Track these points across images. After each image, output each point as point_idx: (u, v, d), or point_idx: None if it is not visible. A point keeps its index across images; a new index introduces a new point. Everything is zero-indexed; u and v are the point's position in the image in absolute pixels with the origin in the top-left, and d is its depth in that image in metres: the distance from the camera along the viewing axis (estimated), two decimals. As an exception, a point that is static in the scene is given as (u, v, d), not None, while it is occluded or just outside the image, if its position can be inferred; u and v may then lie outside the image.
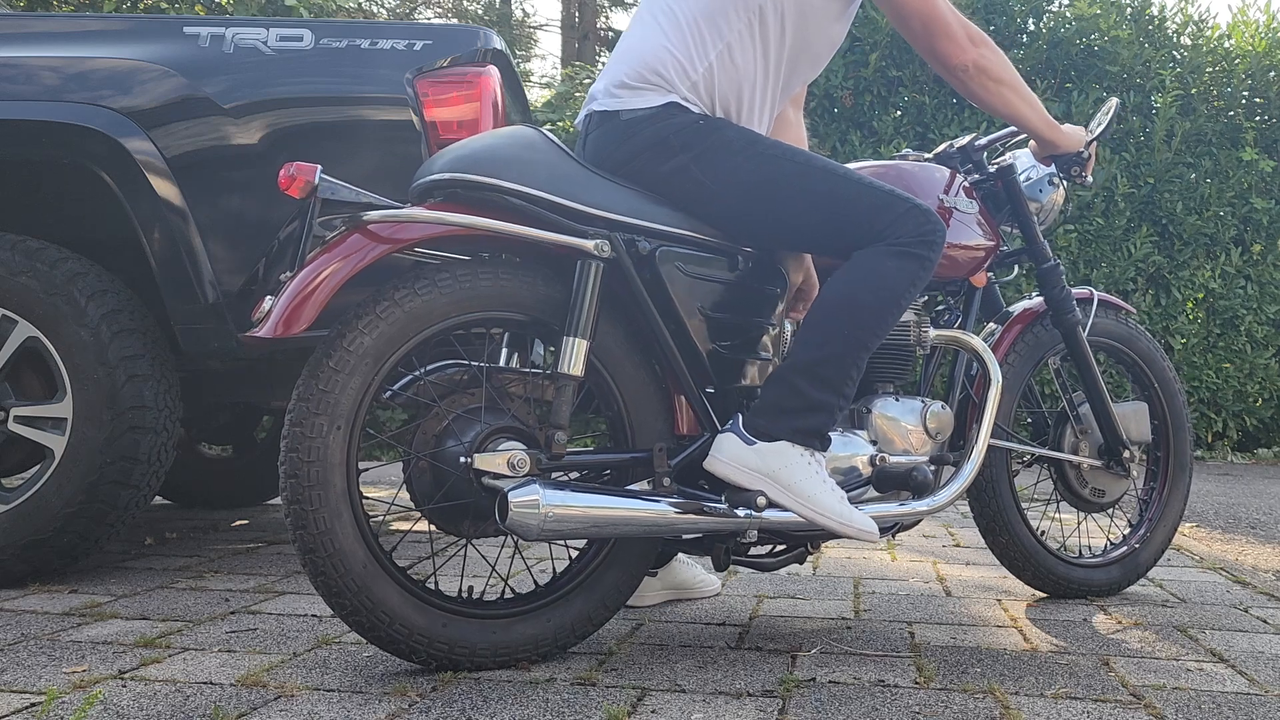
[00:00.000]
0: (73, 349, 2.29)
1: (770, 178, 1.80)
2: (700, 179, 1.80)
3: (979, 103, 2.00)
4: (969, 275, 2.17)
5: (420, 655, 1.66)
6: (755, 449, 1.73)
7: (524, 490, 1.61)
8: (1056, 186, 2.32)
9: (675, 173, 1.81)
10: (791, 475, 1.73)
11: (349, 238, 1.64)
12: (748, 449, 1.73)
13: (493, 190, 1.70)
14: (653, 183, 1.82)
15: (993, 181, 2.28)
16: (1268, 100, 6.67)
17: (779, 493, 1.73)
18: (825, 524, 1.74)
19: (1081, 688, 1.69)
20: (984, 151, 2.30)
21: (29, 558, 2.29)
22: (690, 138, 1.80)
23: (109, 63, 2.35)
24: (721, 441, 1.76)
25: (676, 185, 1.82)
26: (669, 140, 1.80)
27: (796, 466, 1.73)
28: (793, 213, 1.81)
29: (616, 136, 1.84)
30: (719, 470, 1.75)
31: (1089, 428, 2.35)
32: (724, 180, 1.80)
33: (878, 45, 6.42)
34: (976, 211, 2.15)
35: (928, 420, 2.04)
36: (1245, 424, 6.62)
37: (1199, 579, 2.67)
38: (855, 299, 1.76)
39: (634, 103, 1.83)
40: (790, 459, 1.73)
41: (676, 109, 1.81)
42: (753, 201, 1.81)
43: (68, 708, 1.47)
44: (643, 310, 1.79)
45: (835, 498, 1.75)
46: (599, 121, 1.87)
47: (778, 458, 1.73)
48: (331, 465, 1.60)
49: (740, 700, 1.58)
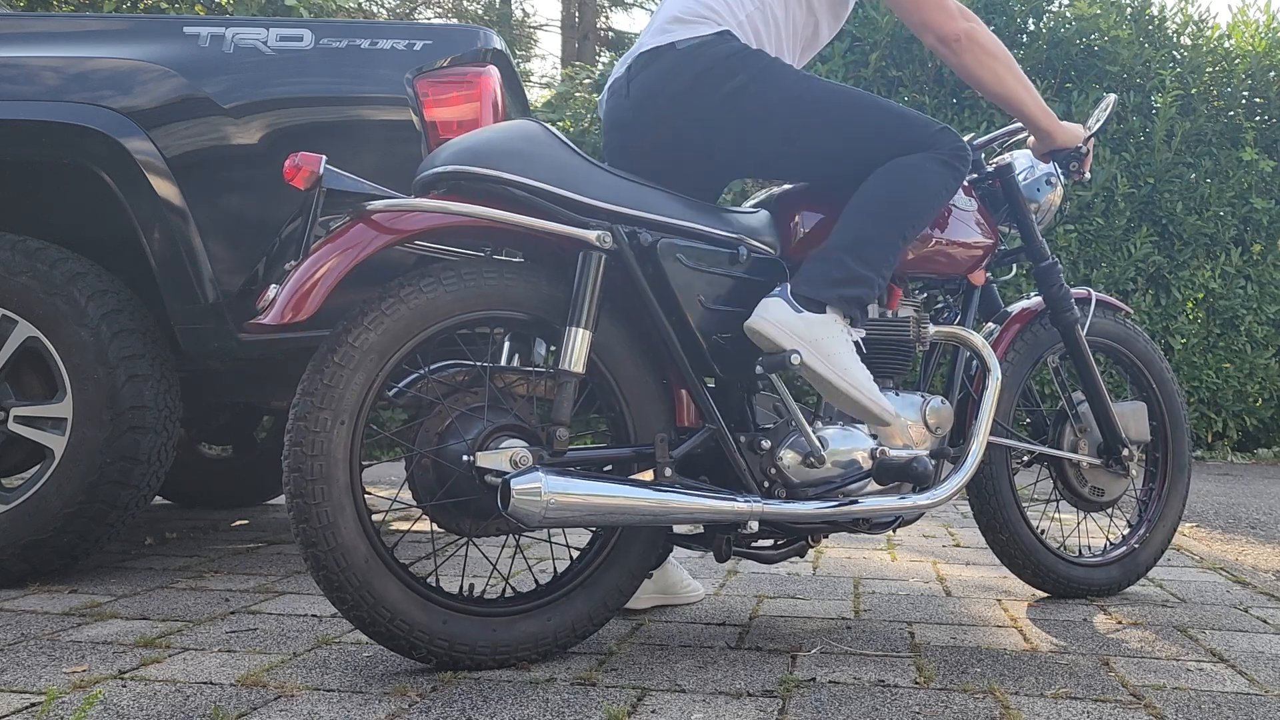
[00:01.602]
0: (73, 349, 2.29)
1: (825, 93, 1.91)
2: (761, 95, 1.88)
3: (971, 78, 2.03)
4: (967, 273, 2.18)
5: (420, 652, 1.66)
6: (802, 316, 1.79)
7: (526, 477, 1.62)
8: (1054, 186, 2.33)
9: (736, 92, 1.87)
10: (832, 345, 1.79)
11: (353, 227, 1.64)
12: (795, 315, 1.79)
13: (495, 182, 1.71)
14: (711, 107, 1.88)
15: (991, 180, 2.28)
16: (1268, 100, 6.67)
17: (816, 358, 1.78)
18: (853, 394, 1.80)
19: (1081, 688, 1.69)
20: (982, 150, 2.30)
21: (29, 558, 2.29)
22: (747, 59, 1.89)
23: (109, 63, 2.35)
24: (768, 304, 1.80)
25: (735, 106, 1.88)
26: (728, 61, 1.88)
27: (838, 339, 1.80)
28: (848, 121, 1.90)
29: (671, 66, 1.91)
30: (763, 329, 1.78)
31: (1088, 426, 2.36)
32: (784, 96, 1.88)
33: (878, 45, 6.42)
34: (975, 210, 2.16)
35: (927, 415, 2.05)
36: (1245, 424, 6.62)
37: (1199, 579, 2.67)
38: (899, 192, 1.87)
39: (686, 34, 1.91)
40: (833, 331, 1.80)
41: (729, 36, 1.90)
42: (811, 114, 1.89)
43: (68, 708, 1.47)
44: (644, 302, 1.80)
45: (867, 375, 1.82)
46: (648, 60, 1.94)
47: (822, 327, 1.79)
48: (335, 460, 1.60)
49: (740, 700, 1.58)
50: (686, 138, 1.93)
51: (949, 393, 2.18)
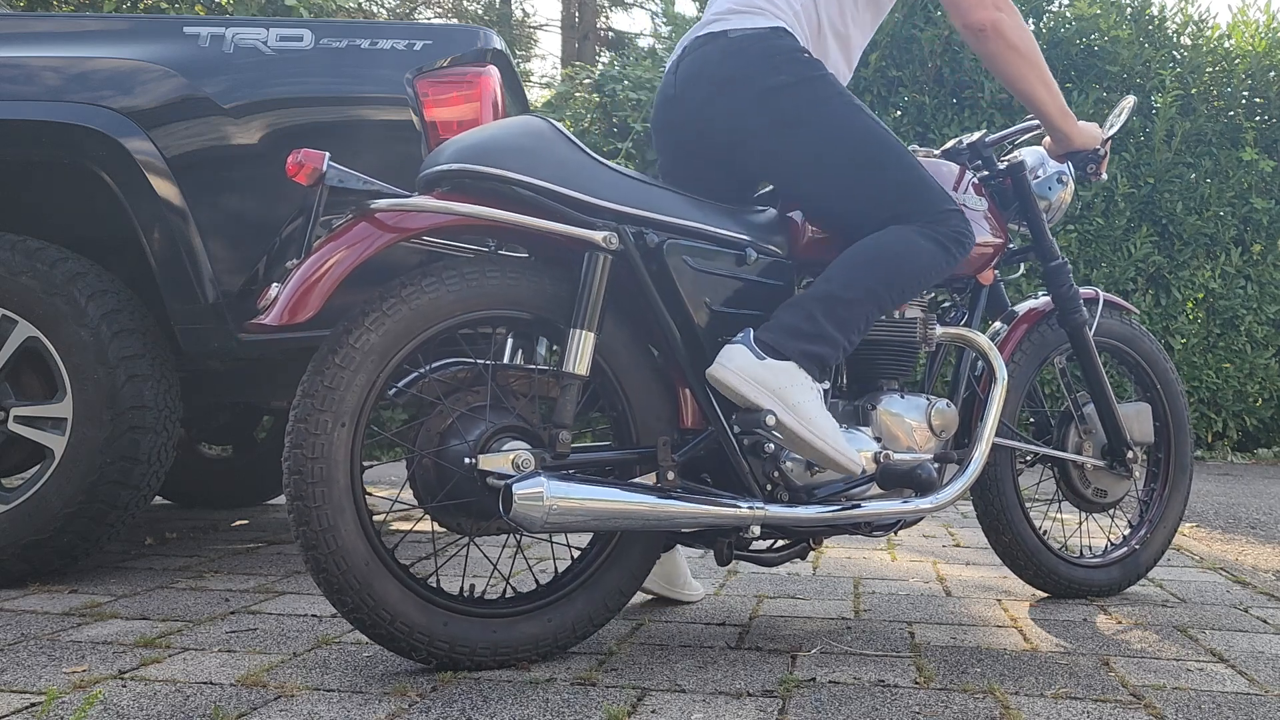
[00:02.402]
0: (73, 349, 2.29)
1: (862, 127, 1.89)
2: (799, 101, 1.87)
3: (992, 68, 2.00)
4: (976, 273, 2.17)
5: (420, 653, 1.66)
6: (765, 364, 1.75)
7: (528, 482, 1.61)
8: (1065, 184, 2.31)
9: (775, 90, 1.87)
10: (797, 395, 1.76)
11: (356, 225, 1.63)
12: (757, 362, 1.76)
13: (500, 181, 1.70)
14: (749, 99, 1.87)
15: (1001, 178, 2.27)
16: (1268, 100, 6.67)
17: (785, 411, 1.75)
18: (822, 449, 1.76)
19: (1081, 688, 1.69)
20: (993, 148, 2.29)
21: (29, 558, 2.29)
22: (797, 63, 1.88)
23: (109, 63, 2.35)
24: (730, 351, 1.77)
25: (771, 102, 1.87)
26: (777, 58, 1.87)
27: (802, 388, 1.76)
28: (871, 162, 1.89)
29: (722, 53, 1.90)
30: (725, 378, 1.76)
31: (1093, 428, 2.35)
32: (820, 111, 1.87)
33: (878, 45, 6.42)
34: (985, 209, 2.14)
35: (932, 418, 2.04)
36: (1245, 424, 6.62)
37: (1199, 579, 2.67)
38: (886, 260, 1.84)
39: (742, 24, 1.90)
40: (797, 379, 1.76)
41: (785, 33, 1.89)
42: (840, 140, 1.88)
43: (68, 708, 1.47)
44: (649, 303, 1.78)
45: (833, 426, 1.79)
46: (702, 43, 1.93)
47: (786, 376, 1.76)
48: (335, 462, 1.60)
49: (740, 700, 1.58)
50: (720, 125, 1.92)
51: (954, 393, 2.17)
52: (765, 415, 1.74)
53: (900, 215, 1.88)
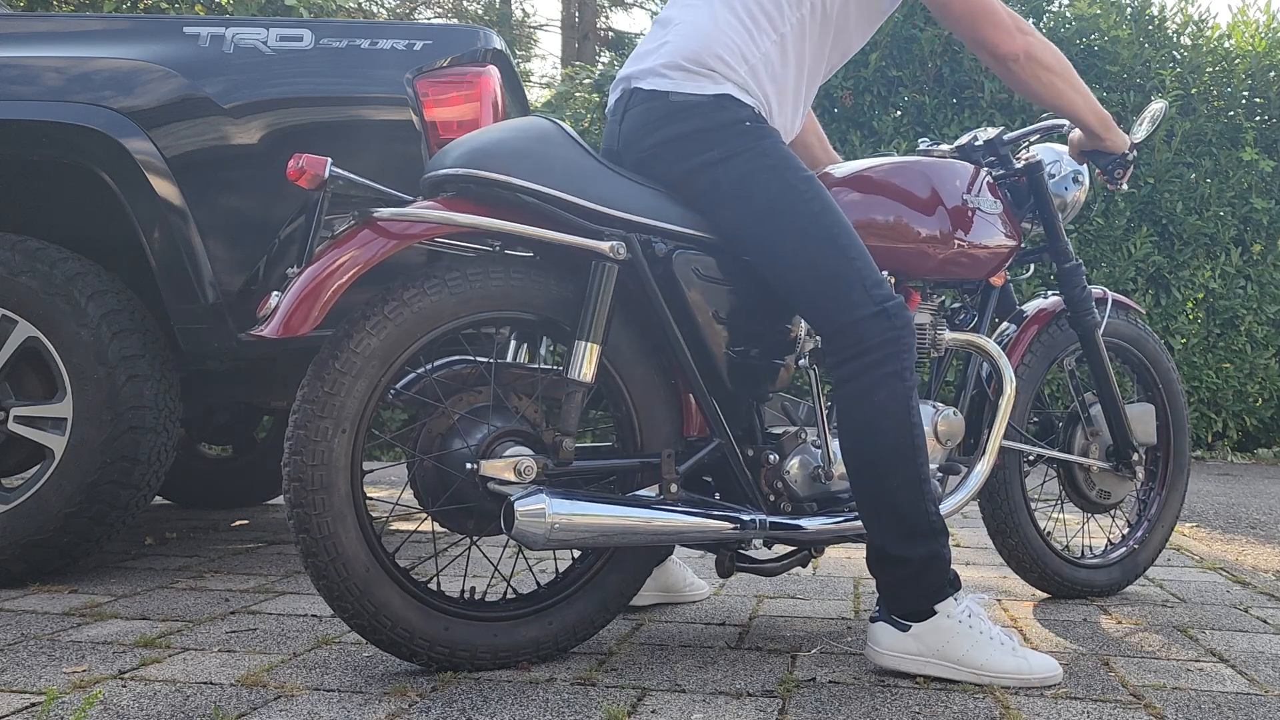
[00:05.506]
0: (73, 349, 2.29)
1: (779, 210, 1.75)
2: (718, 180, 1.76)
3: (1028, 93, 1.94)
4: (989, 276, 2.13)
5: (422, 658, 1.66)
6: (912, 633, 1.70)
7: (530, 500, 1.59)
8: (1081, 184, 2.27)
9: (700, 168, 1.77)
10: (956, 647, 1.69)
11: (359, 233, 1.61)
12: (905, 636, 1.70)
13: (505, 188, 1.66)
14: (679, 173, 1.78)
15: (1016, 177, 2.23)
16: (1268, 100, 6.66)
17: (952, 671, 1.69)
18: (1009, 685, 1.68)
19: (1081, 688, 1.69)
20: (1010, 146, 2.25)
21: (29, 558, 2.28)
22: (731, 137, 1.76)
23: (109, 63, 2.35)
24: (877, 632, 1.73)
25: (693, 180, 1.78)
26: (710, 134, 1.76)
27: (959, 635, 1.69)
28: (778, 252, 1.76)
29: (660, 118, 1.79)
30: (885, 663, 1.72)
31: (1100, 429, 2.34)
32: (737, 192, 1.76)
33: (878, 45, 6.42)
34: (1000, 212, 2.09)
35: (939, 426, 2.02)
36: (1245, 424, 6.62)
37: (1199, 579, 2.67)
38: (877, 450, 1.71)
39: (687, 86, 1.78)
40: (948, 631, 1.69)
41: (729, 101, 1.77)
42: (752, 223, 1.77)
43: (68, 708, 1.47)
44: (656, 312, 1.76)
45: (1006, 651, 1.70)
46: (643, 99, 1.81)
47: (936, 635, 1.69)
48: (336, 469, 1.58)
49: (740, 700, 1.58)
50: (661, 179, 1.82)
51: (960, 395, 2.16)
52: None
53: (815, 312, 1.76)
